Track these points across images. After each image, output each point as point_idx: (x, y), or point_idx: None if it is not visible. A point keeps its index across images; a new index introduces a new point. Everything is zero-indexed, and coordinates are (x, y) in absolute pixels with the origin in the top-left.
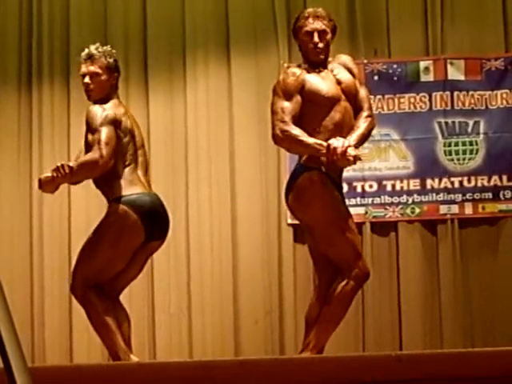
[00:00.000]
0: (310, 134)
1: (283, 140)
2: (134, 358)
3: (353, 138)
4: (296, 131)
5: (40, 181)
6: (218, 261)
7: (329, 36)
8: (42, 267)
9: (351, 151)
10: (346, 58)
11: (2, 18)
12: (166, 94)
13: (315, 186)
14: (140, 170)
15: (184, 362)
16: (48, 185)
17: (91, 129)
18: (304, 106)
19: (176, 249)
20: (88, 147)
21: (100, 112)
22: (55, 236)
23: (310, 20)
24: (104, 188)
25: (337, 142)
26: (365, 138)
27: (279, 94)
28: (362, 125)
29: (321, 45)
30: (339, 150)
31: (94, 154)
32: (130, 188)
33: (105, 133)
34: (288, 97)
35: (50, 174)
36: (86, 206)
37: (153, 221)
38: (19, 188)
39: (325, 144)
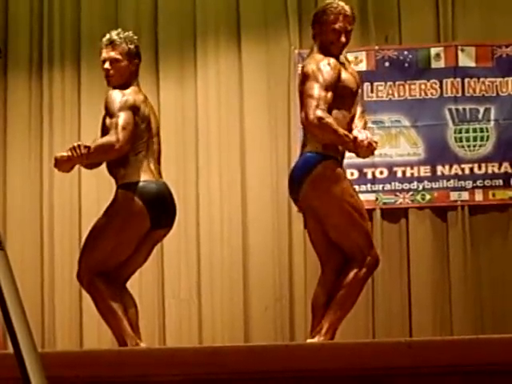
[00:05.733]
0: None
1: (317, 126)
2: (142, 345)
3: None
4: (331, 120)
5: (56, 159)
6: (227, 247)
7: (351, 35)
8: (52, 251)
9: (373, 143)
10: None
11: (14, 4)
12: (177, 80)
13: (334, 175)
14: (151, 158)
15: (193, 347)
16: (63, 164)
17: (110, 113)
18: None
19: (186, 235)
20: (105, 131)
21: (120, 97)
22: (66, 219)
23: (340, 18)
24: (114, 173)
25: (361, 135)
26: None
27: (320, 82)
28: (360, 123)
29: (345, 45)
30: (365, 142)
31: (110, 138)
32: (138, 175)
33: (123, 118)
34: (329, 87)
35: (65, 154)
36: (97, 188)
37: (159, 208)
38: (30, 173)
39: (351, 136)
